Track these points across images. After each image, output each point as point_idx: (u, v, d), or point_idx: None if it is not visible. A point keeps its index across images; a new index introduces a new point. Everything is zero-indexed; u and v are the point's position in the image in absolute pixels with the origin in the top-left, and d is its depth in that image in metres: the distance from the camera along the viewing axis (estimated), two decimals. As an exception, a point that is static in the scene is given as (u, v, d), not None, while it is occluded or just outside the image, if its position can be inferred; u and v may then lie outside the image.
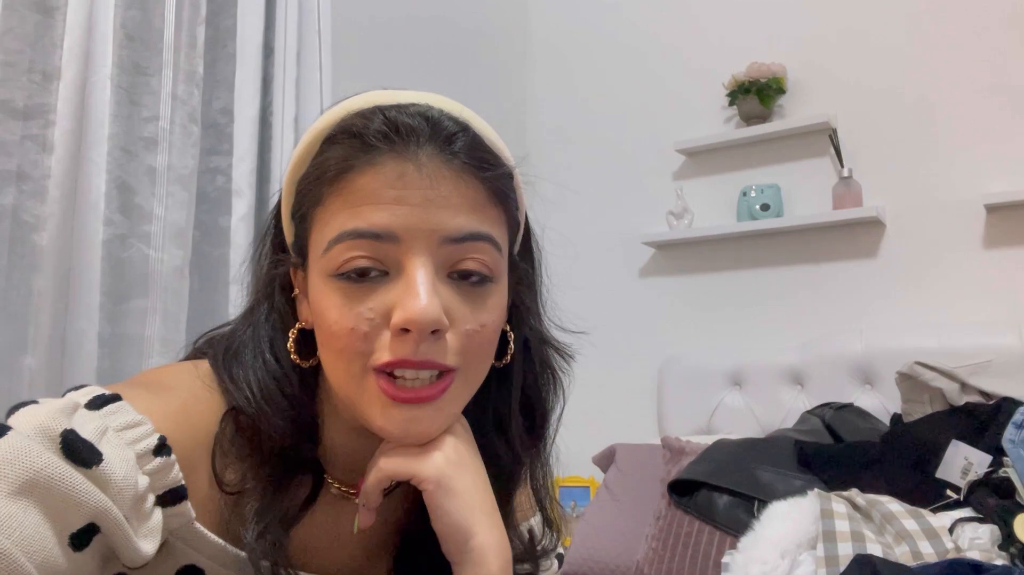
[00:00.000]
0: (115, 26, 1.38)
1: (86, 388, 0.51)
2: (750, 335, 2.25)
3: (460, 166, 0.53)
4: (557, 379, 0.67)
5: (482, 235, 0.54)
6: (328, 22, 1.75)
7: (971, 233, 2.00)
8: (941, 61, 2.07)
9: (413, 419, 0.52)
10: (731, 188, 2.33)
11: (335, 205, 0.53)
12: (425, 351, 0.51)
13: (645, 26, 2.58)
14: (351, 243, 0.52)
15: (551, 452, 0.69)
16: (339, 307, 0.52)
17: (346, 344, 0.52)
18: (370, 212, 0.51)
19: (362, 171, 0.52)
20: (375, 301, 0.52)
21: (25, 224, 1.28)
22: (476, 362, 0.55)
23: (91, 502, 0.43)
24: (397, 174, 0.52)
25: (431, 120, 0.54)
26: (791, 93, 2.29)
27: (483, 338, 0.55)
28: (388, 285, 0.52)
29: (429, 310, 0.50)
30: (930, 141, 2.07)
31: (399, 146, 0.52)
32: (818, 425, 1.73)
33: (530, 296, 0.65)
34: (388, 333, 0.51)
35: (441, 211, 0.52)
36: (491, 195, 0.55)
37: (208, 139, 1.59)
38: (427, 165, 0.52)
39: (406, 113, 0.54)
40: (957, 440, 1.39)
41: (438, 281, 0.52)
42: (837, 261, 2.18)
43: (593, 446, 2.09)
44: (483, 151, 0.55)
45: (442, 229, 0.52)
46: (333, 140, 0.55)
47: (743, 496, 1.46)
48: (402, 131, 0.53)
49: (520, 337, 0.63)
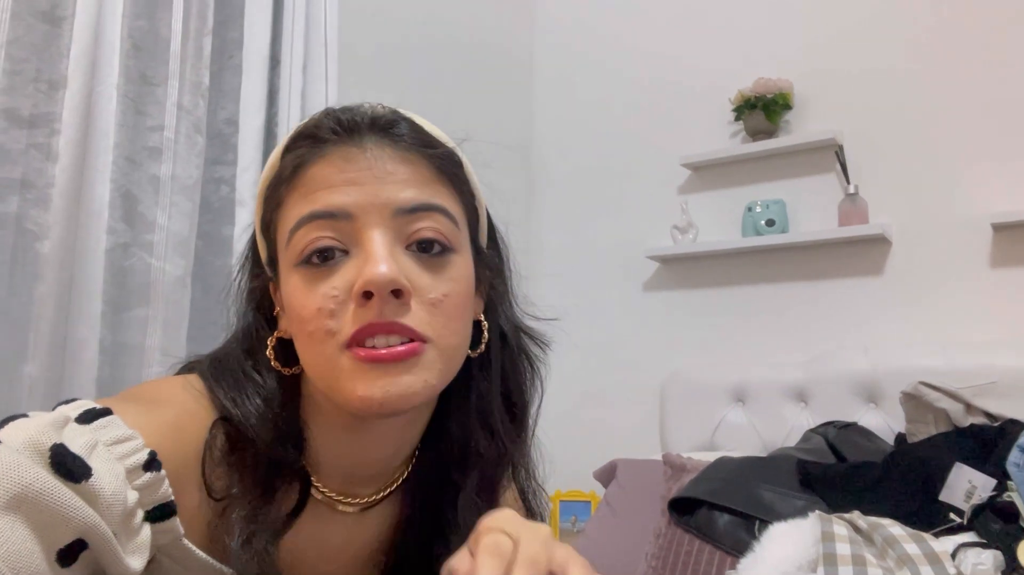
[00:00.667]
0: (122, 36, 1.38)
1: (77, 402, 0.51)
2: (754, 351, 2.23)
3: (404, 147, 0.57)
4: (535, 368, 0.69)
5: (433, 206, 0.56)
6: (335, 34, 1.76)
7: (977, 252, 1.99)
8: (948, 78, 2.06)
9: (391, 383, 0.53)
10: (736, 203, 2.32)
11: (292, 200, 0.56)
12: (390, 314, 0.52)
13: (651, 40, 2.58)
14: (309, 227, 0.54)
15: (532, 444, 0.70)
16: (304, 290, 0.54)
17: (315, 325, 0.54)
18: (323, 195, 0.55)
19: (313, 163, 0.56)
20: (338, 279, 0.54)
21: (28, 232, 1.28)
22: (447, 333, 0.56)
23: (79, 517, 0.43)
24: (343, 158, 0.55)
25: (373, 114, 0.58)
26: (797, 109, 2.28)
27: (449, 307, 0.56)
28: (349, 263, 0.54)
29: (387, 271, 0.52)
30: (937, 159, 2.06)
31: (344, 136, 0.56)
32: (821, 444, 1.71)
33: (500, 284, 0.67)
34: (353, 305, 0.53)
35: (390, 186, 0.55)
36: (438, 173, 0.58)
37: (213, 149, 1.60)
38: (372, 148, 0.56)
39: (351, 111, 0.58)
40: (961, 463, 1.37)
41: (398, 252, 0.55)
42: (842, 278, 2.16)
43: (594, 460, 2.08)
44: (423, 134, 0.59)
45: (393, 201, 0.55)
46: (289, 148, 0.59)
47: (744, 516, 1.45)
48: (346, 124, 0.57)
49: (495, 327, 0.65)
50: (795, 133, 2.27)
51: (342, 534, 0.63)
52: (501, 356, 0.66)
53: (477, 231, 0.64)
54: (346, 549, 0.63)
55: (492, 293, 0.66)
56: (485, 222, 0.66)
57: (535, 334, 0.69)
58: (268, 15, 1.64)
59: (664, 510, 1.62)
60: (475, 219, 0.63)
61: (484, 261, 0.64)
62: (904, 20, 2.15)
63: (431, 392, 0.56)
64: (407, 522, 0.66)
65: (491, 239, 0.67)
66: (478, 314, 0.63)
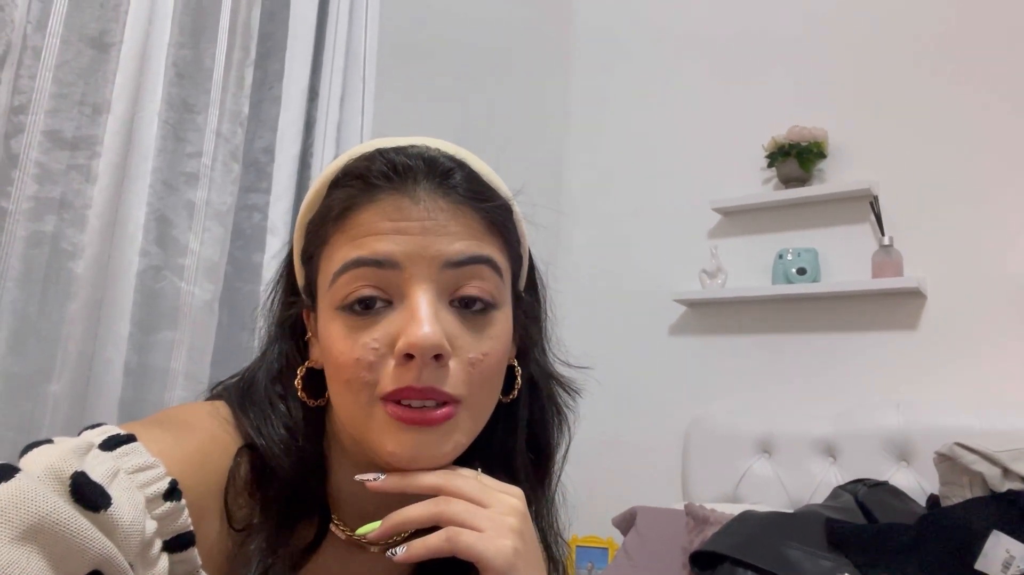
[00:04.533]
0: (167, 64, 1.41)
1: (102, 427, 0.50)
2: (782, 402, 2.19)
3: (457, 199, 0.56)
4: (563, 415, 0.68)
5: (483, 258, 0.55)
6: (373, 69, 1.79)
7: (1017, 309, 1.94)
8: (986, 130, 2.04)
9: (422, 443, 0.53)
10: (767, 250, 2.30)
11: (339, 242, 0.55)
12: (428, 378, 0.52)
13: (686, 83, 2.59)
14: (354, 273, 0.53)
15: (556, 490, 0.69)
16: (344, 338, 0.53)
17: (352, 374, 0.53)
18: (371, 242, 0.53)
19: (363, 208, 0.55)
20: (380, 331, 0.53)
21: (63, 252, 1.30)
22: (481, 392, 0.56)
23: (96, 549, 0.42)
24: (395, 207, 0.54)
25: (427, 158, 0.56)
26: (832, 158, 2.26)
27: (487, 367, 0.55)
28: (392, 315, 0.53)
29: (431, 335, 0.51)
30: (974, 212, 2.03)
31: (397, 183, 0.55)
32: (850, 502, 1.66)
33: (536, 331, 0.66)
34: (392, 362, 0.52)
35: (440, 238, 0.54)
36: (489, 225, 0.57)
37: (248, 177, 1.62)
38: (424, 199, 0.54)
39: (405, 154, 0.56)
40: (998, 531, 1.31)
41: (440, 308, 0.54)
42: (875, 331, 2.12)
43: (614, 506, 2.03)
44: (479, 185, 0.58)
45: (442, 255, 0.54)
46: (338, 184, 0.57)
47: (769, 574, 1.40)
48: (400, 169, 0.55)
49: (526, 373, 0.64)
50: (829, 182, 2.26)
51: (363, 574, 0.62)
52: (529, 402, 0.65)
53: (519, 277, 0.64)
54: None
55: (526, 339, 0.65)
56: (527, 267, 0.65)
57: (566, 382, 0.68)
58: (309, 49, 1.68)
59: (685, 563, 1.57)
60: (519, 266, 0.63)
61: (522, 307, 0.64)
62: (942, 70, 2.13)
63: (459, 451, 0.56)
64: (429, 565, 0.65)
65: (531, 283, 0.66)
66: (511, 359, 0.63)
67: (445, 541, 0.52)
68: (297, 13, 1.67)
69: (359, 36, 1.77)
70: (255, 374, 0.62)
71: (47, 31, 1.27)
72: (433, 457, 0.54)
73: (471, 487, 0.54)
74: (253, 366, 0.63)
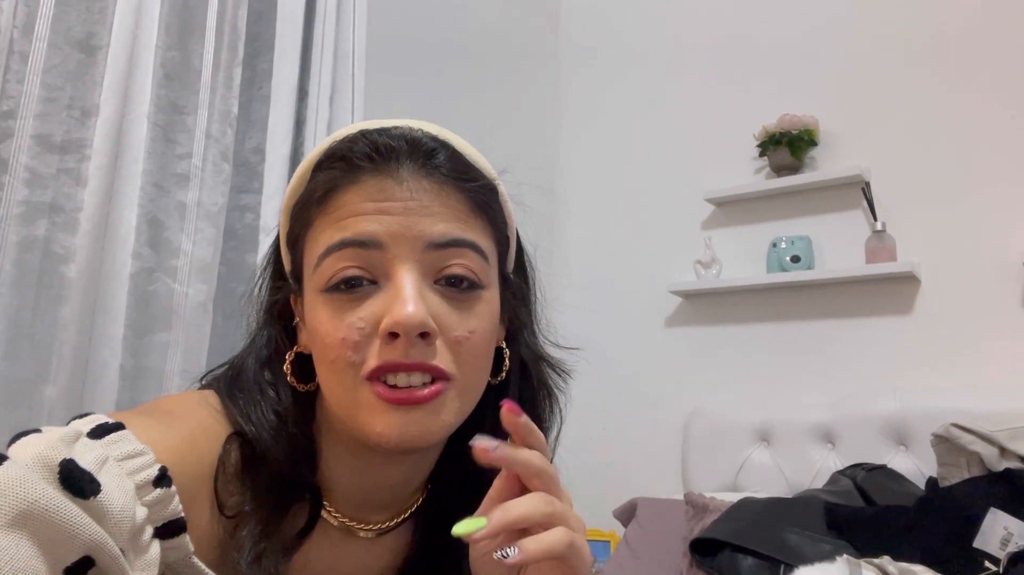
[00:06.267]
0: (155, 66, 1.41)
1: (90, 416, 0.50)
2: (779, 390, 2.19)
3: (440, 178, 0.55)
4: (554, 397, 0.67)
5: (466, 242, 0.55)
6: (362, 67, 1.79)
7: (1010, 291, 1.94)
8: (977, 114, 2.04)
9: (410, 422, 0.52)
10: (761, 239, 2.30)
11: (322, 224, 0.55)
12: (415, 355, 0.52)
13: (677, 75, 2.59)
14: (339, 254, 0.53)
15: None
16: (330, 319, 0.53)
17: (338, 354, 0.53)
18: (354, 223, 0.53)
19: (346, 189, 0.55)
20: (365, 311, 0.53)
21: (55, 255, 1.30)
22: (470, 371, 0.55)
23: (86, 535, 0.42)
24: (378, 188, 0.54)
25: (411, 139, 0.56)
26: (823, 145, 2.27)
27: (473, 345, 0.55)
28: (377, 295, 0.53)
29: (415, 313, 0.51)
30: (966, 196, 2.03)
31: (380, 164, 0.55)
32: (849, 486, 1.66)
33: (524, 313, 0.66)
34: (378, 341, 0.52)
35: (423, 219, 0.54)
36: (474, 206, 0.57)
37: (239, 177, 1.62)
38: (407, 179, 0.54)
39: (388, 135, 0.56)
40: (996, 508, 1.32)
41: (425, 287, 0.54)
42: (870, 316, 2.12)
43: (614, 499, 2.04)
44: (463, 165, 0.57)
45: (425, 235, 0.54)
46: (321, 166, 0.57)
47: (769, 559, 1.40)
48: (383, 150, 0.55)
49: (516, 355, 0.64)
50: (821, 169, 2.26)
51: (355, 560, 0.62)
52: (520, 385, 0.64)
53: (506, 259, 0.63)
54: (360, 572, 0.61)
55: (515, 321, 0.65)
56: (514, 249, 0.65)
57: (556, 363, 0.68)
58: (297, 48, 1.68)
59: (685, 551, 1.57)
60: (505, 248, 0.62)
61: (510, 289, 0.64)
62: (931, 55, 2.14)
63: (448, 431, 0.56)
64: (421, 549, 0.65)
65: (519, 265, 0.66)
66: (500, 341, 0.62)
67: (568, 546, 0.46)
68: (284, 12, 1.67)
69: (347, 34, 1.77)
70: (243, 361, 0.61)
71: (34, 35, 1.27)
72: (421, 437, 0.53)
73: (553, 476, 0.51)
74: (241, 353, 0.63)
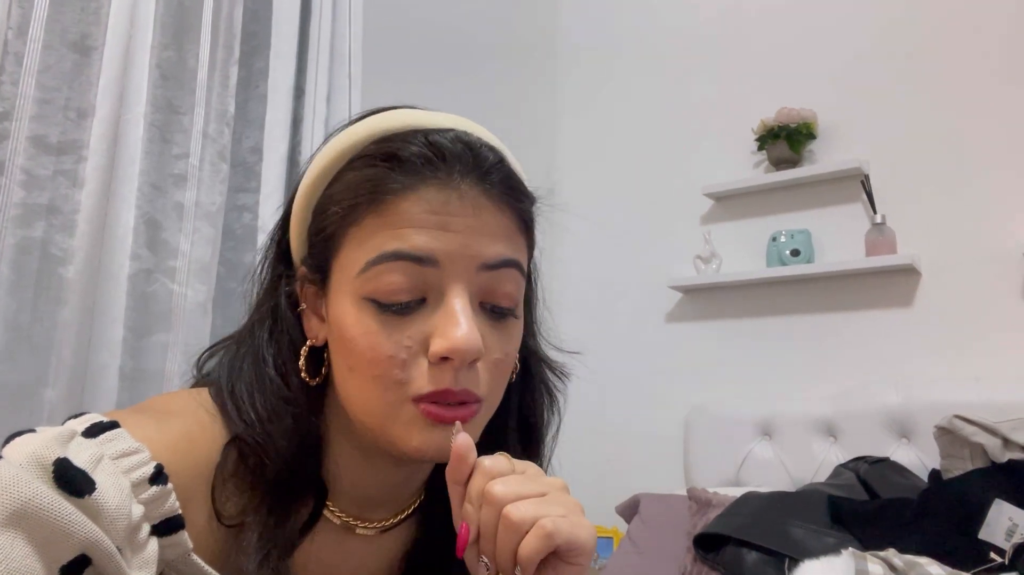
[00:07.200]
0: (150, 66, 1.41)
1: (85, 415, 0.50)
2: (781, 384, 2.19)
3: (498, 196, 0.55)
4: (553, 397, 0.68)
5: (514, 262, 0.55)
6: (358, 66, 1.78)
7: (1011, 282, 1.94)
8: (976, 106, 2.04)
9: (446, 439, 0.52)
10: (760, 233, 2.30)
11: (374, 225, 0.53)
12: (463, 380, 0.52)
13: (674, 69, 2.59)
14: (392, 264, 0.52)
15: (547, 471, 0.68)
16: (376, 333, 0.52)
17: (384, 371, 0.52)
18: (413, 235, 0.52)
19: (404, 196, 0.53)
20: (413, 329, 0.52)
21: (53, 257, 1.29)
22: (497, 390, 0.57)
23: (81, 533, 0.42)
24: (441, 201, 0.53)
25: (472, 148, 0.55)
26: (822, 138, 2.26)
27: (506, 366, 0.56)
28: (425, 312, 0.53)
29: (471, 339, 0.51)
30: (966, 188, 2.03)
31: (442, 173, 0.53)
32: (852, 480, 1.66)
33: (528, 315, 0.66)
34: (425, 361, 0.52)
35: (481, 238, 0.53)
36: (522, 224, 0.57)
37: (236, 177, 1.61)
38: (468, 194, 0.53)
39: (445, 137, 0.55)
40: (1000, 499, 1.31)
41: (473, 310, 0.53)
42: (871, 309, 2.12)
43: (617, 495, 2.03)
44: (516, 182, 0.58)
45: (481, 256, 0.53)
46: (366, 158, 0.55)
47: (773, 553, 1.40)
48: (446, 157, 0.54)
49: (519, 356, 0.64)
50: (819, 163, 2.25)
51: (357, 557, 0.62)
52: (520, 385, 0.65)
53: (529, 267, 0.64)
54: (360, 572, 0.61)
55: None
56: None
57: (556, 365, 0.68)
58: (293, 46, 1.67)
59: (689, 546, 1.57)
60: (531, 258, 0.63)
61: None
62: (930, 48, 2.13)
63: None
64: (423, 546, 0.64)
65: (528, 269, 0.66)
66: None
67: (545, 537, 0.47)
68: (280, 11, 1.66)
69: (343, 32, 1.77)
70: (245, 352, 0.59)
71: (28, 36, 1.27)
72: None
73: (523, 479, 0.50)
74: (241, 343, 0.60)
